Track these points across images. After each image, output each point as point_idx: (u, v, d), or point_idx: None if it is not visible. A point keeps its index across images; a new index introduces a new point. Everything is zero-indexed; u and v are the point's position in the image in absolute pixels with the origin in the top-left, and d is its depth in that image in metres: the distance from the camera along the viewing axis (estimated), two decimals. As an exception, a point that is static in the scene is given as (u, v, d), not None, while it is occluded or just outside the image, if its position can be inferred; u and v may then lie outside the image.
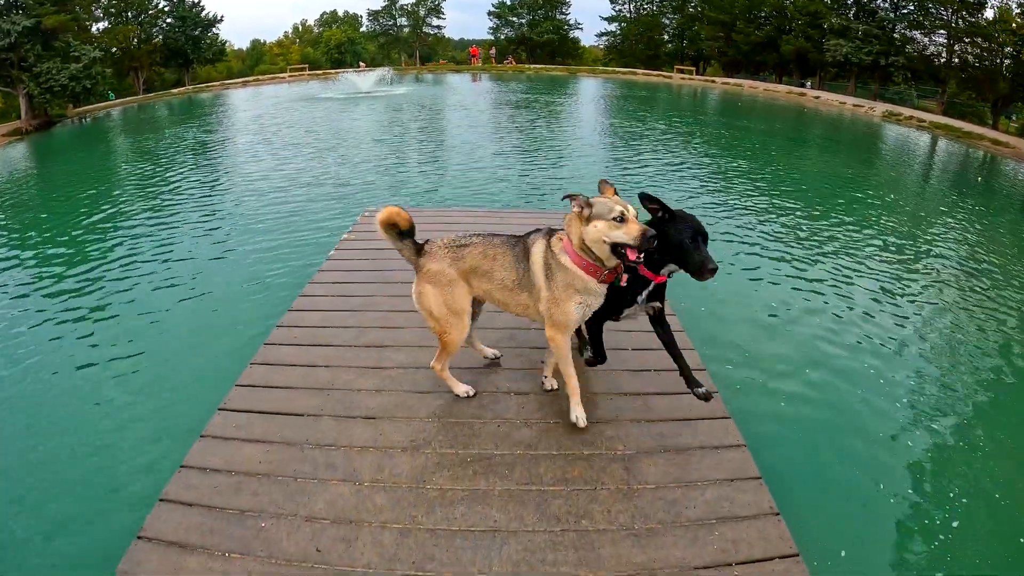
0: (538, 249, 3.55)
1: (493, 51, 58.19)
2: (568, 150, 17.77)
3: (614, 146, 19.00)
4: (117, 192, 14.31)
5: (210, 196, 13.23)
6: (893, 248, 10.54)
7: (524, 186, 13.64)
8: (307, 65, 54.53)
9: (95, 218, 12.14)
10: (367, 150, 17.91)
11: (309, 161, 16.36)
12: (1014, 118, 39.74)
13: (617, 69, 50.59)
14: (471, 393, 4.05)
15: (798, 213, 12.30)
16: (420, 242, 3.79)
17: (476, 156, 16.63)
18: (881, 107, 36.62)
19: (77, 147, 24.38)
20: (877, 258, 9.91)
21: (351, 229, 7.78)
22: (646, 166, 15.88)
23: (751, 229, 11.02)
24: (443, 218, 8.36)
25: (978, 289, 8.94)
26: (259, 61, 71.01)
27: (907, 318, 7.81)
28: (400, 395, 4.08)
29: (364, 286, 5.87)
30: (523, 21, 60.43)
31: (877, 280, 8.95)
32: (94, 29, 41.32)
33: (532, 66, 54.04)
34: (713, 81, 45.60)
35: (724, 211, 12.13)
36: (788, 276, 8.93)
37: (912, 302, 8.34)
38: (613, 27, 58.43)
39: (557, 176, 14.38)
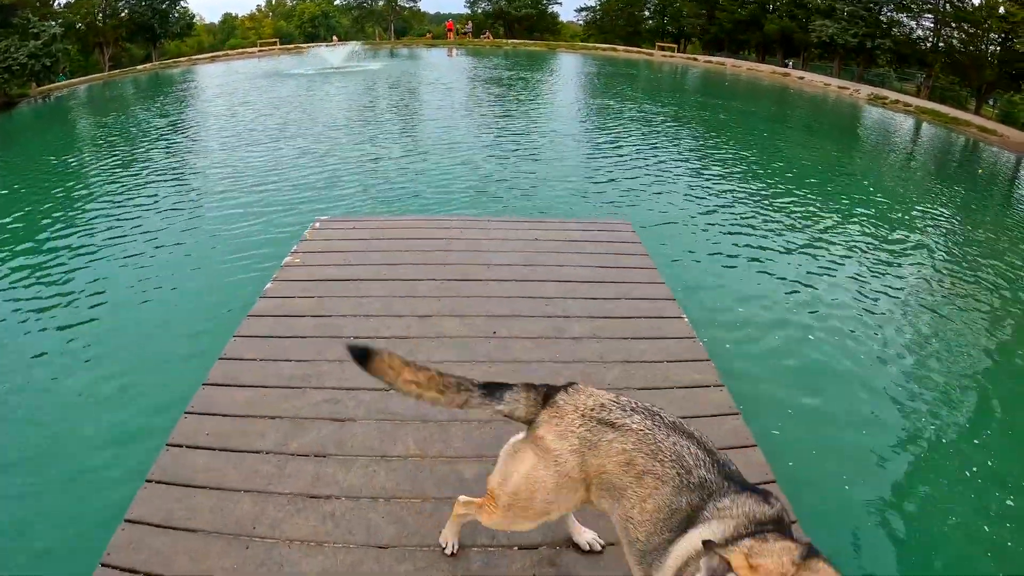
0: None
1: (470, 26, 56.52)
2: (549, 136, 16.42)
3: (598, 129, 17.78)
4: (70, 181, 13.41)
5: (161, 190, 12.15)
6: (882, 236, 10.49)
7: (506, 179, 12.44)
8: (277, 40, 52.59)
9: (44, 207, 11.35)
10: (333, 135, 16.44)
11: (269, 149, 14.94)
12: (994, 104, 39.68)
13: (597, 45, 49.23)
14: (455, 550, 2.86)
15: (787, 199, 12.07)
16: (554, 388, 2.41)
17: (451, 142, 15.41)
18: (866, 89, 35.84)
19: (33, 130, 22.93)
20: (864, 245, 9.91)
21: (295, 250, 6.27)
22: (632, 152, 14.86)
23: (743, 217, 10.78)
24: (410, 230, 6.85)
25: (966, 279, 8.98)
26: (230, 35, 68.83)
27: (893, 310, 7.84)
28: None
29: (306, 345, 4.54)
30: (500, -5, 58.72)
31: (876, 272, 8.88)
32: (56, 4, 39.11)
33: (510, 41, 52.50)
34: (695, 59, 44.46)
35: (713, 198, 11.81)
36: (792, 264, 8.86)
37: (908, 295, 8.35)
38: (593, 2, 57.01)
39: (542, 169, 13.12)
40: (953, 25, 38.26)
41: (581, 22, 60.62)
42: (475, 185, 11.79)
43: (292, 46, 49.45)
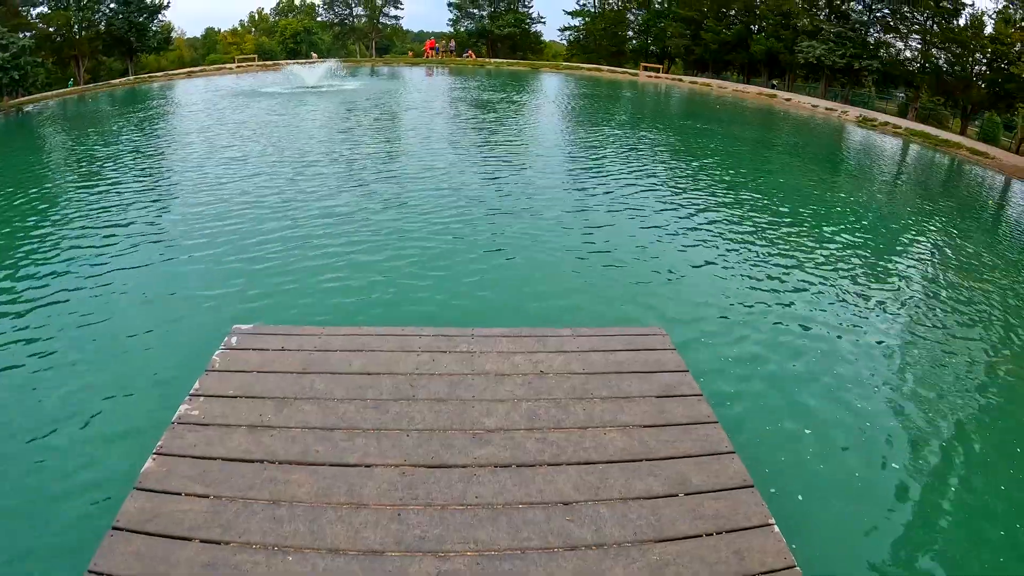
0: None
1: (452, 44, 55.67)
2: (537, 168, 14.84)
3: (587, 157, 16.46)
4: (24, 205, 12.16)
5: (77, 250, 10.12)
6: (876, 263, 10.42)
7: (498, 242, 9.99)
8: (256, 56, 51.66)
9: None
10: (294, 174, 13.83)
11: (214, 198, 12.31)
12: (980, 124, 39.50)
13: (581, 65, 48.46)
14: None
15: (783, 229, 11.62)
16: None
17: (430, 183, 13.29)
18: (854, 111, 35.28)
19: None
20: (858, 273, 9.81)
21: (207, 371, 4.65)
22: (624, 182, 13.70)
23: (737, 243, 10.47)
24: (356, 356, 4.82)
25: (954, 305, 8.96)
26: (212, 50, 68.18)
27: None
28: None
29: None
30: (483, 13, 58.05)
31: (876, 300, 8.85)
32: (33, 13, 38.26)
33: (492, 60, 51.70)
34: (680, 80, 43.76)
35: (709, 225, 11.13)
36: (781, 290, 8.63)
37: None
38: (576, 21, 56.43)
39: (530, 227, 10.75)
40: (941, 46, 37.95)
41: (564, 41, 60.08)
42: (453, 266, 9.01)
43: (270, 63, 48.36)
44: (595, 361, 4.71)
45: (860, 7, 42.61)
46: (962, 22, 37.55)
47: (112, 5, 43.36)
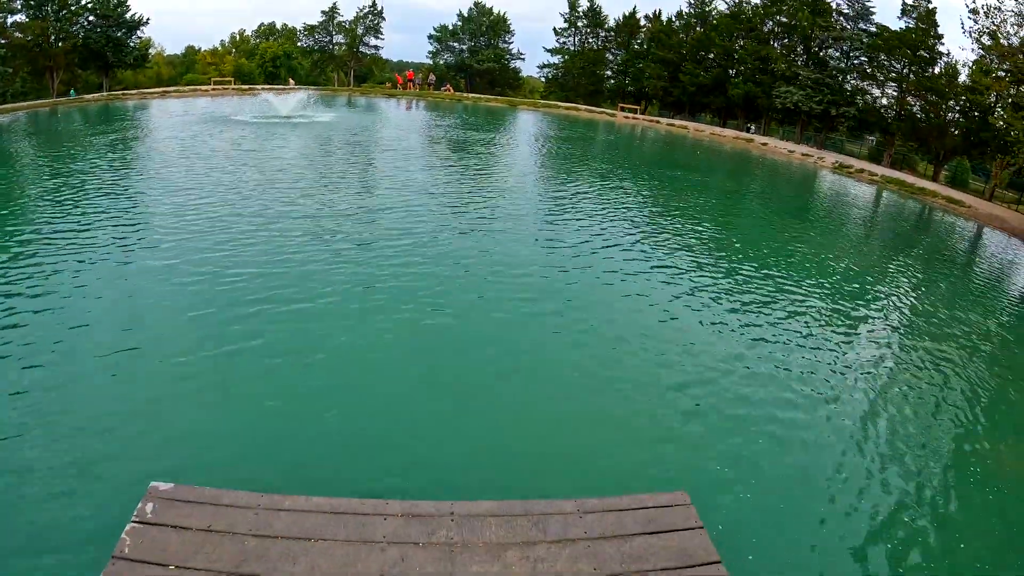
0: None
1: (432, 78, 55.21)
2: (514, 221, 13.78)
3: (566, 209, 15.47)
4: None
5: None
6: (852, 312, 10.48)
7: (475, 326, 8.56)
8: (232, 79, 50.68)
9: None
10: (247, 236, 11.25)
11: (156, 254, 10.25)
12: (947, 168, 40.13)
13: (559, 104, 48.20)
14: None
15: (762, 282, 11.18)
16: None
17: (406, 260, 10.81)
18: (830, 157, 35.37)
19: None
20: (836, 324, 9.77)
21: (113, 559, 3.59)
22: (607, 238, 12.86)
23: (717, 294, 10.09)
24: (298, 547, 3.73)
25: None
26: (190, 69, 67.17)
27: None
28: None
29: None
30: (464, 47, 57.84)
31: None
32: (9, 21, 37.06)
33: (470, 95, 51.30)
34: (658, 121, 43.67)
35: (693, 276, 10.45)
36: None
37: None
38: (555, 59, 56.36)
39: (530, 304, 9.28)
40: (916, 94, 38.44)
41: (543, 78, 60.00)
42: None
43: (246, 87, 47.45)
44: (609, 558, 3.80)
45: (837, 54, 43.25)
46: (937, 70, 38.17)
47: (91, 18, 42.34)
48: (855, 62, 42.56)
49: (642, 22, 52.70)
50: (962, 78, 37.00)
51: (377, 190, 15.54)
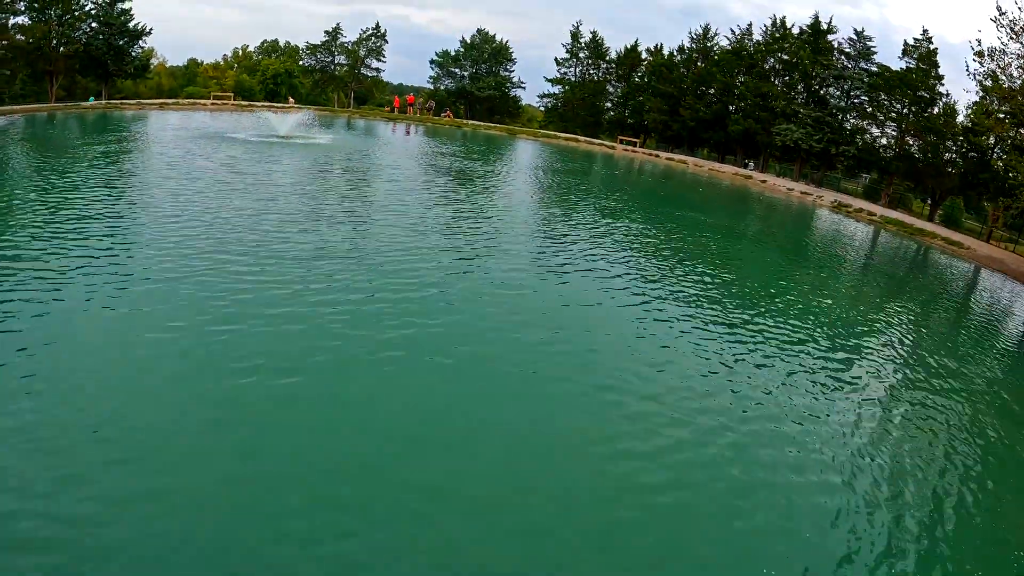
0: None
1: (431, 104, 55.34)
2: (513, 259, 13.06)
3: (566, 248, 14.80)
4: None
5: None
6: (852, 357, 10.25)
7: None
8: (232, 94, 50.76)
9: None
10: (231, 269, 10.18)
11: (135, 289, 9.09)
12: (941, 208, 40.35)
13: (558, 134, 48.30)
14: None
15: (762, 324, 10.91)
16: None
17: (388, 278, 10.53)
18: (829, 196, 35.36)
19: None
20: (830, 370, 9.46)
21: None
22: (605, 278, 12.42)
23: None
24: None
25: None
26: (192, 81, 67.30)
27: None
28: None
29: None
30: (465, 74, 58.06)
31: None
32: (11, 22, 36.95)
33: (470, 122, 51.39)
34: (657, 155, 43.72)
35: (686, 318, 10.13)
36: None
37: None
38: (556, 89, 56.53)
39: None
40: (915, 134, 38.67)
41: (542, 107, 60.20)
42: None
43: (245, 103, 47.46)
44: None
45: (838, 93, 43.55)
46: (936, 111, 38.41)
47: (94, 24, 42.21)
48: (855, 101, 42.89)
49: (643, 55, 52.98)
50: (960, 118, 37.36)
51: (373, 228, 14.17)
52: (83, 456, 5.50)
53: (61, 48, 39.82)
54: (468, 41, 58.21)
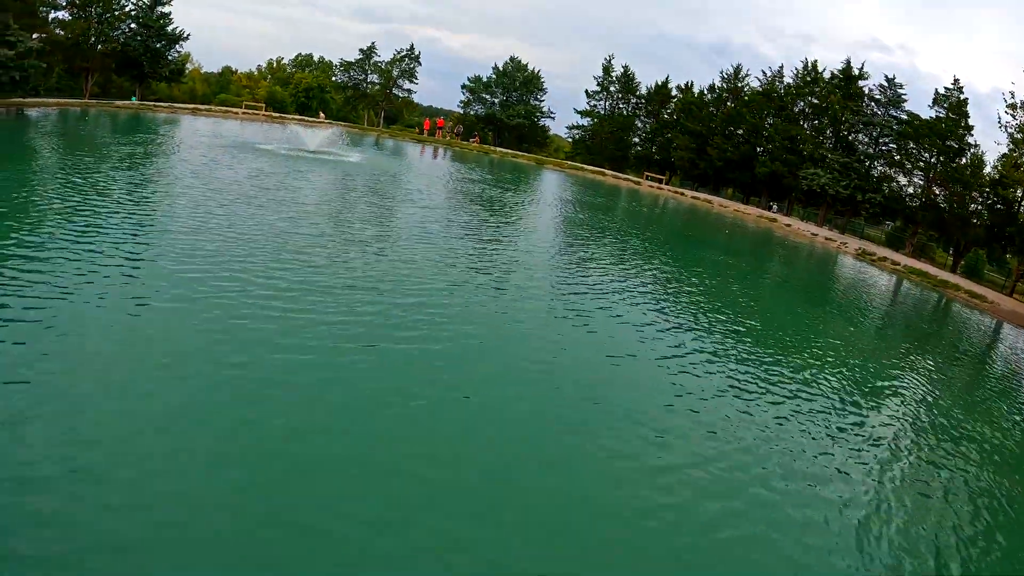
0: None
1: (460, 128, 56.03)
2: (536, 300, 12.78)
3: (591, 286, 15.02)
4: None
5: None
6: (870, 412, 10.14)
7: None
8: (264, 104, 51.65)
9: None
10: (250, 298, 9.37)
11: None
12: (962, 260, 40.17)
13: (586, 166, 48.71)
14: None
15: (781, 373, 10.61)
16: None
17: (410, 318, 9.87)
18: (854, 243, 35.33)
19: None
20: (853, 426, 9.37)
21: None
22: (632, 320, 12.47)
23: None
24: None
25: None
26: (224, 89, 68.43)
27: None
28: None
29: None
30: (496, 100, 58.77)
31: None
32: (51, 16, 37.91)
33: (498, 149, 51.95)
34: (682, 193, 43.92)
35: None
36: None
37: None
38: (585, 121, 57.09)
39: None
40: (942, 183, 38.60)
41: (570, 138, 60.73)
42: None
43: (276, 115, 48.33)
44: None
45: (866, 139, 43.62)
46: (964, 161, 38.34)
47: (132, 25, 43.31)
48: (883, 148, 42.94)
49: (673, 92, 53.50)
50: (988, 169, 37.27)
51: (400, 256, 13.80)
52: (63, 494, 4.93)
53: (99, 46, 40.93)
54: (500, 68, 59.08)
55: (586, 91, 57.25)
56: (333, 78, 63.30)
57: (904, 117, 41.48)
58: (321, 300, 9.94)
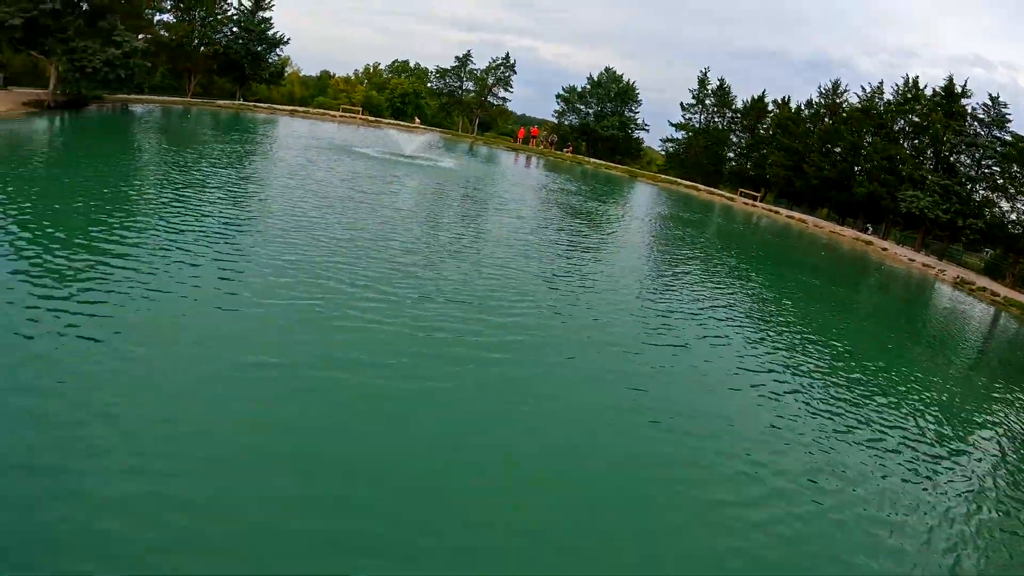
0: None
1: (554, 138, 57.21)
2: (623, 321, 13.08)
3: (683, 304, 15.25)
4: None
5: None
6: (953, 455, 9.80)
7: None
8: (360, 108, 53.92)
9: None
10: (342, 311, 9.44)
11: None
12: None
13: (679, 180, 49.16)
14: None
15: (867, 404, 10.25)
16: None
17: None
18: (952, 271, 34.65)
19: (80, 133, 22.50)
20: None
21: None
22: (723, 344, 12.82)
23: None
24: None
25: None
26: (322, 92, 71.27)
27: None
28: None
29: None
30: (590, 111, 59.66)
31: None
32: (156, 19, 40.21)
33: (591, 160, 52.93)
34: (777, 211, 43.91)
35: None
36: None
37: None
38: (679, 135, 57.36)
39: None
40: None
41: (663, 151, 60.98)
42: None
43: (372, 119, 50.52)
44: None
45: (968, 161, 42.09)
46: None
47: (234, 29, 45.59)
48: (986, 171, 41.17)
49: (770, 107, 53.19)
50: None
51: (493, 269, 13.85)
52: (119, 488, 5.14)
53: (202, 48, 43.33)
54: (595, 79, 59.90)
55: (681, 104, 57.56)
56: (428, 84, 65.24)
57: (1008, 138, 39.50)
58: (413, 311, 10.03)
